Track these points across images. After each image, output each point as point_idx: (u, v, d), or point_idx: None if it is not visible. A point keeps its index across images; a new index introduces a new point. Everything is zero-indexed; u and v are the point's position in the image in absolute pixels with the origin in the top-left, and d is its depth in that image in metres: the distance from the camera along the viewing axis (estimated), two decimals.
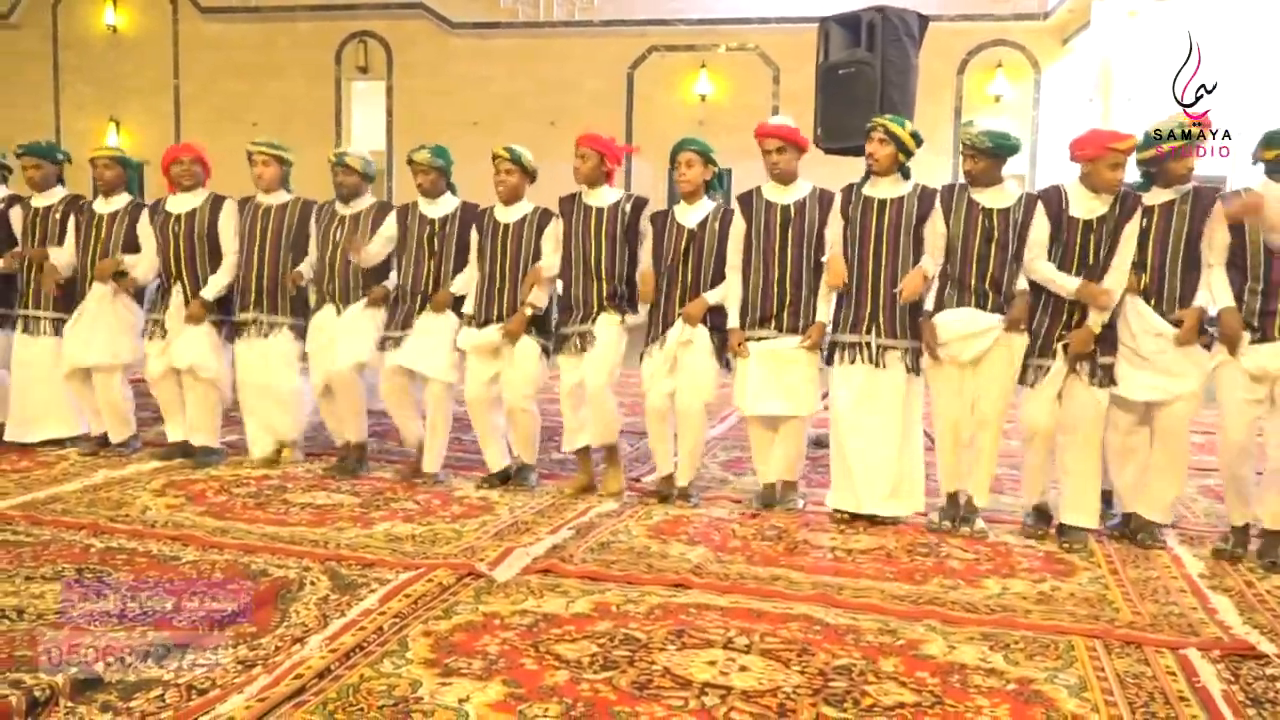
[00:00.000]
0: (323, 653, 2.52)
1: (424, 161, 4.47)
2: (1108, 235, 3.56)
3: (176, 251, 4.66)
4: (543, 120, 16.44)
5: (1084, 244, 3.60)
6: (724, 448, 5.36)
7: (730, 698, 2.32)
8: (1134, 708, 2.33)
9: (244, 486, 4.31)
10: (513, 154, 4.30)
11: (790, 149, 3.93)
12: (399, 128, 17.24)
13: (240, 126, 17.69)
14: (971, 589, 3.18)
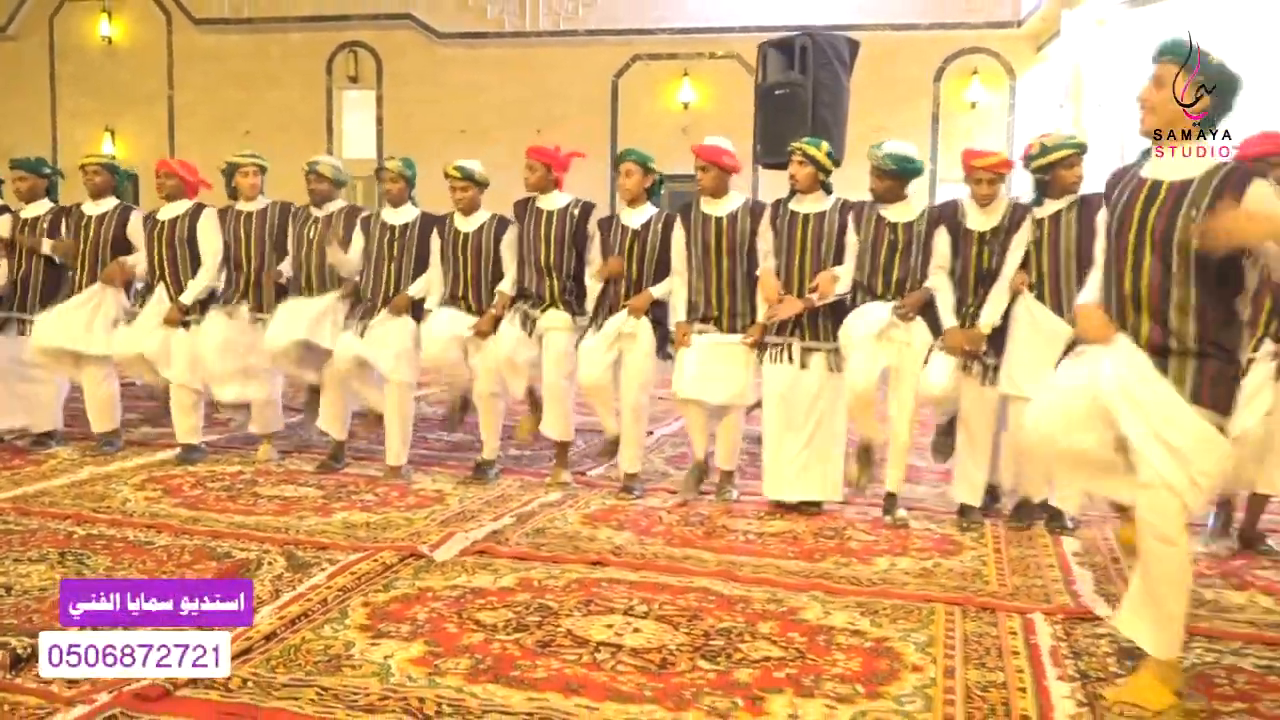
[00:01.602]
0: (271, 620, 2.88)
1: (395, 170, 4.85)
2: (999, 247, 3.92)
3: (160, 255, 5.05)
4: (529, 128, 16.79)
5: (978, 255, 3.96)
6: (673, 444, 5.72)
7: (620, 654, 2.69)
8: (968, 659, 2.69)
9: (219, 481, 4.68)
10: (463, 171, 4.67)
11: (712, 169, 4.29)
12: (389, 136, 17.61)
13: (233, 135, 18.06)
14: (862, 566, 3.54)
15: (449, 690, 2.45)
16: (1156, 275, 2.47)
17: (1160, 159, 2.57)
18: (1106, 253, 2.63)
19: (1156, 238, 2.46)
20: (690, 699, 2.43)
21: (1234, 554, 3.74)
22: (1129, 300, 2.51)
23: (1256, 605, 3.20)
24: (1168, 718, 2.38)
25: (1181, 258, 2.44)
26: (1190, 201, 2.43)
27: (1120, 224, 2.55)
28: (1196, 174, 2.48)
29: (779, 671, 2.60)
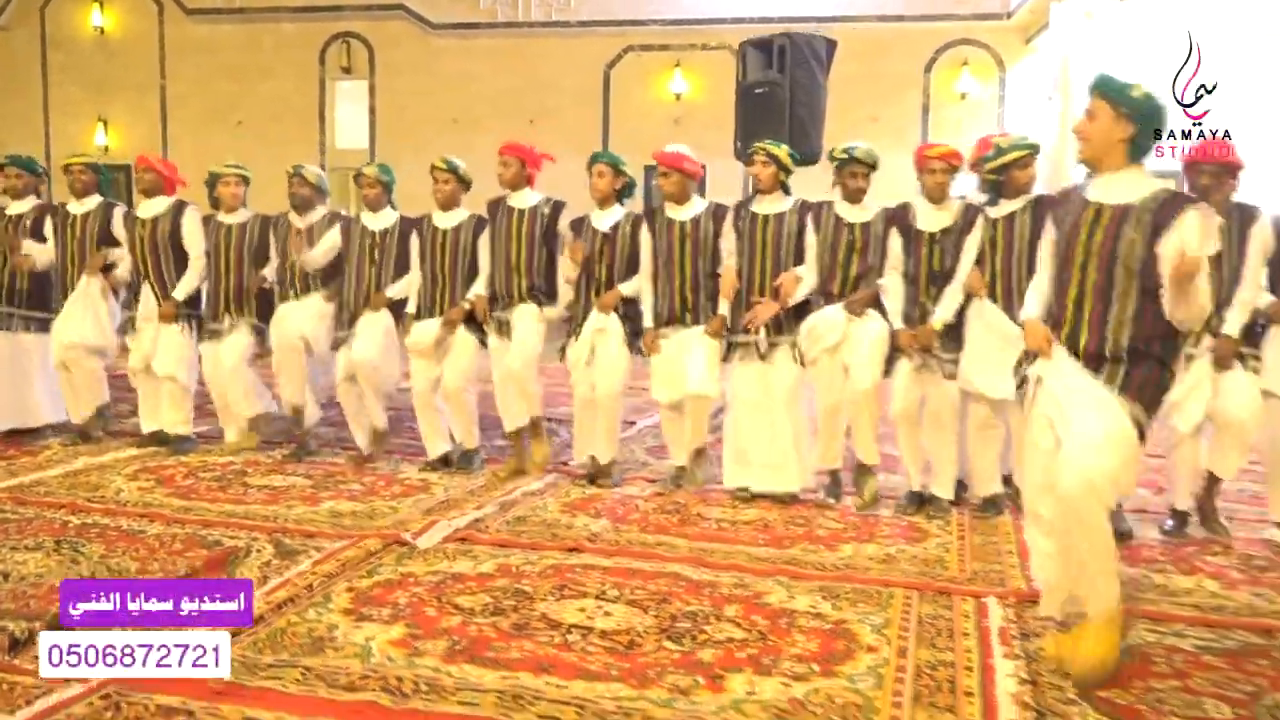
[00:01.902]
0: (259, 605, 3.01)
1: (371, 176, 4.96)
2: (950, 247, 4.05)
3: (144, 254, 5.16)
4: (522, 118, 16.88)
5: (929, 255, 4.09)
6: (654, 435, 5.84)
7: (590, 635, 2.83)
8: (921, 640, 2.83)
9: (210, 471, 4.80)
10: (449, 165, 4.80)
11: (674, 174, 4.41)
12: (382, 126, 17.67)
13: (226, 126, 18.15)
14: (829, 552, 3.68)
15: (426, 670, 2.59)
16: (1100, 290, 2.71)
17: (1102, 183, 2.76)
18: (1055, 268, 2.84)
19: (1102, 257, 2.70)
20: (654, 678, 2.57)
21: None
22: (1073, 311, 2.75)
23: (1203, 589, 3.34)
24: (1095, 675, 2.55)
25: (1124, 275, 2.67)
26: (1132, 223, 2.65)
27: (1068, 244, 2.79)
28: (1135, 199, 2.68)
29: (740, 652, 2.74)
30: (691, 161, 4.45)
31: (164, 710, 2.34)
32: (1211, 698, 2.52)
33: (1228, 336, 3.82)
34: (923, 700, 2.47)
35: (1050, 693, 2.53)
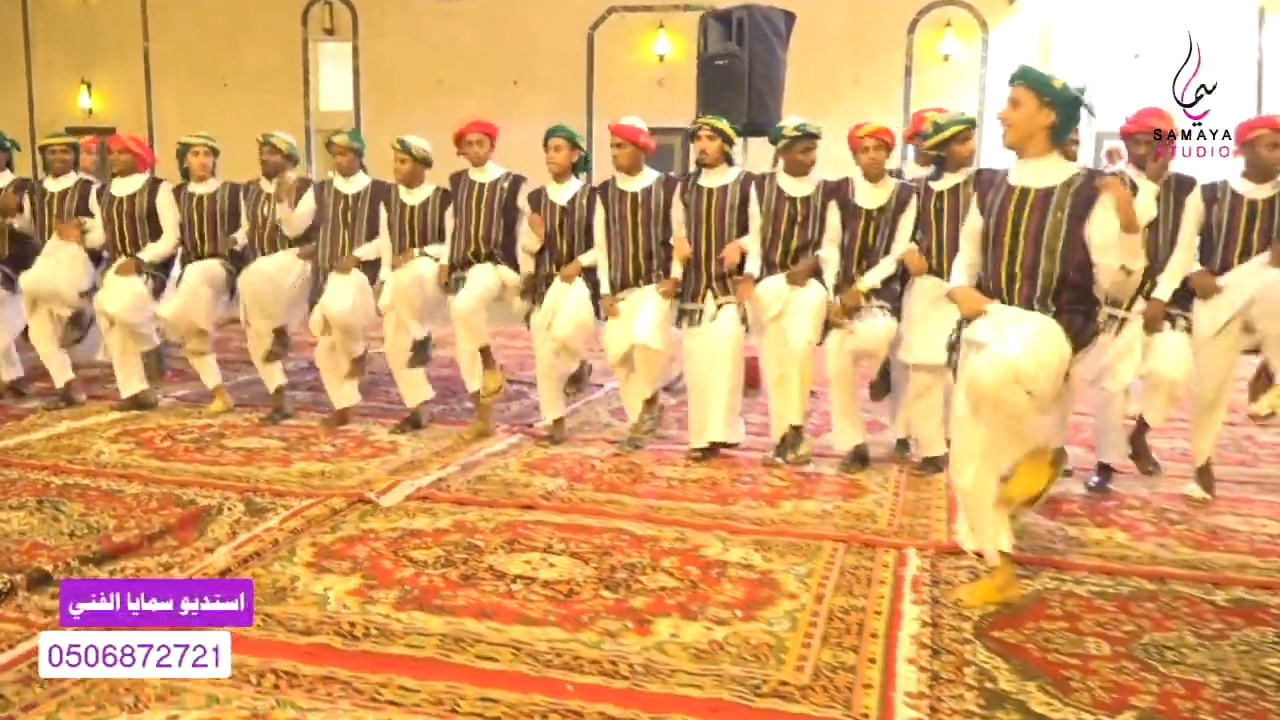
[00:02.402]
0: (227, 559, 3.23)
1: (342, 144, 5.13)
2: (886, 224, 4.24)
3: (119, 230, 5.33)
4: (505, 80, 16.92)
5: (865, 230, 4.28)
6: (618, 397, 6.04)
7: (533, 585, 3.06)
8: (839, 588, 3.07)
9: (188, 434, 5.01)
10: (403, 145, 4.96)
11: (629, 146, 4.58)
12: (366, 88, 17.68)
13: (211, 88, 18.15)
14: (769, 508, 3.91)
15: (377, 616, 2.82)
16: (1027, 267, 2.97)
17: (1023, 167, 3.01)
18: (983, 247, 3.11)
19: (1028, 237, 2.97)
20: (587, 622, 2.79)
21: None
22: (1005, 286, 3.02)
23: (1111, 540, 3.58)
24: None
25: (1048, 254, 2.95)
26: (1055, 205, 2.94)
27: (997, 225, 3.04)
28: (1056, 182, 2.96)
29: (670, 599, 2.97)
30: (645, 135, 4.62)
31: None
32: (1095, 637, 2.76)
33: (1158, 300, 4.02)
34: (830, 641, 2.71)
35: (948, 633, 2.76)
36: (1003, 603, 2.93)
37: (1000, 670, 2.55)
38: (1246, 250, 3.96)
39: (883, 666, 2.56)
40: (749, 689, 2.42)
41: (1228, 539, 3.62)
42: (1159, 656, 2.64)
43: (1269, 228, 3.92)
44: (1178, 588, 3.12)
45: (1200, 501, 4.03)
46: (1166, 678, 2.53)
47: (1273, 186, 3.95)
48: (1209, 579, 3.18)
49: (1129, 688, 2.47)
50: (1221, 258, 4.00)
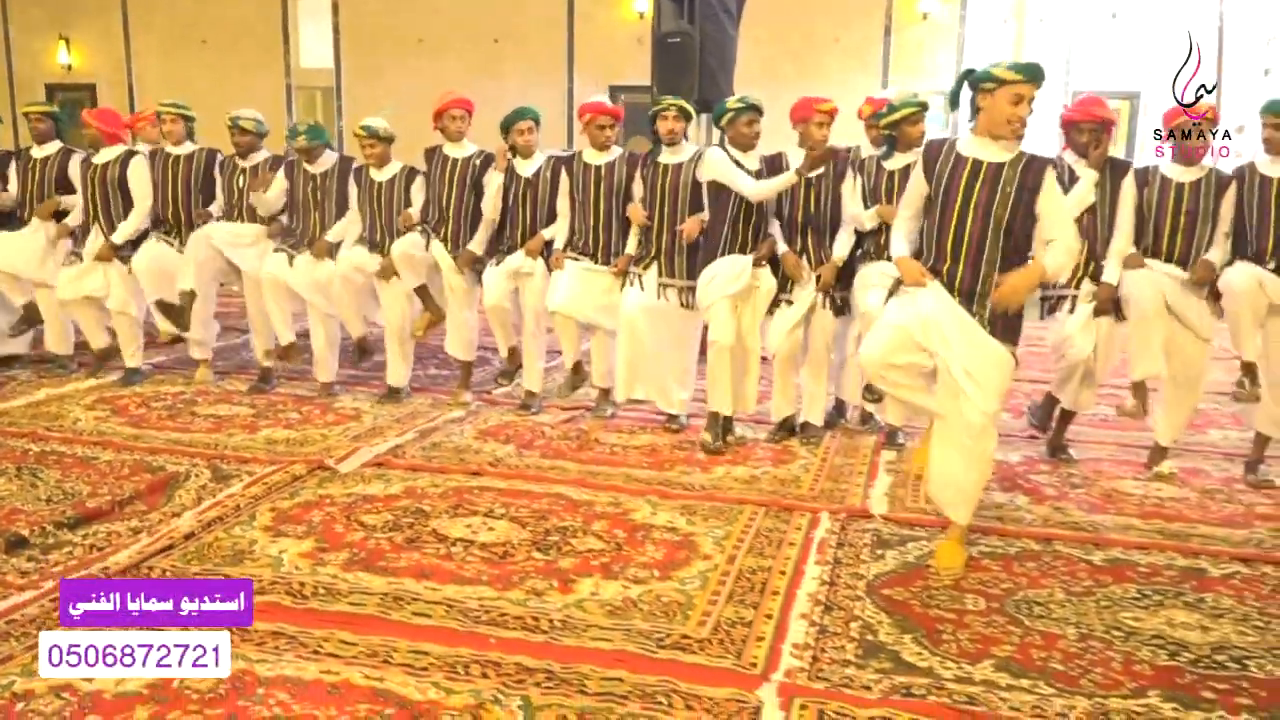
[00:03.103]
0: (191, 523, 3.50)
1: (302, 144, 5.33)
2: (826, 193, 4.46)
3: (94, 196, 5.53)
4: (486, 39, 16.95)
5: (806, 200, 4.50)
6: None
7: (471, 548, 3.34)
8: (751, 550, 3.35)
9: (161, 401, 5.26)
10: (368, 130, 5.16)
11: (616, 125, 4.86)
12: (346, 45, 17.67)
13: (190, 45, 18.12)
14: (702, 474, 4.18)
15: (325, 577, 3.09)
16: (976, 234, 3.20)
17: (976, 142, 3.24)
18: (931, 213, 3.31)
19: (979, 208, 3.19)
20: (516, 582, 3.08)
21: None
22: (950, 251, 3.24)
23: (1013, 504, 3.87)
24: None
25: (996, 225, 3.18)
26: (1004, 180, 3.17)
27: (947, 193, 3.23)
28: (1006, 159, 3.19)
29: (595, 560, 3.25)
30: (619, 114, 4.88)
31: None
32: (975, 594, 3.06)
33: (1106, 284, 4.25)
34: (734, 598, 3.00)
35: (843, 591, 3.06)
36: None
37: (882, 624, 2.85)
38: (1174, 230, 4.19)
39: (777, 621, 2.85)
40: (653, 642, 2.71)
41: (1120, 502, 3.92)
42: (1027, 611, 2.94)
43: (1195, 209, 4.16)
44: (1060, 548, 3.42)
45: (1133, 412, 4.30)
46: (1029, 630, 2.83)
47: (1198, 171, 4.18)
48: (1091, 540, 3.49)
49: (993, 639, 2.77)
50: (1152, 237, 4.23)
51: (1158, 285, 4.11)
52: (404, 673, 2.51)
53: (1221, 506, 3.90)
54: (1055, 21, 15.72)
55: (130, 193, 5.51)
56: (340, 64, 17.67)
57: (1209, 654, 2.70)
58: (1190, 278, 4.11)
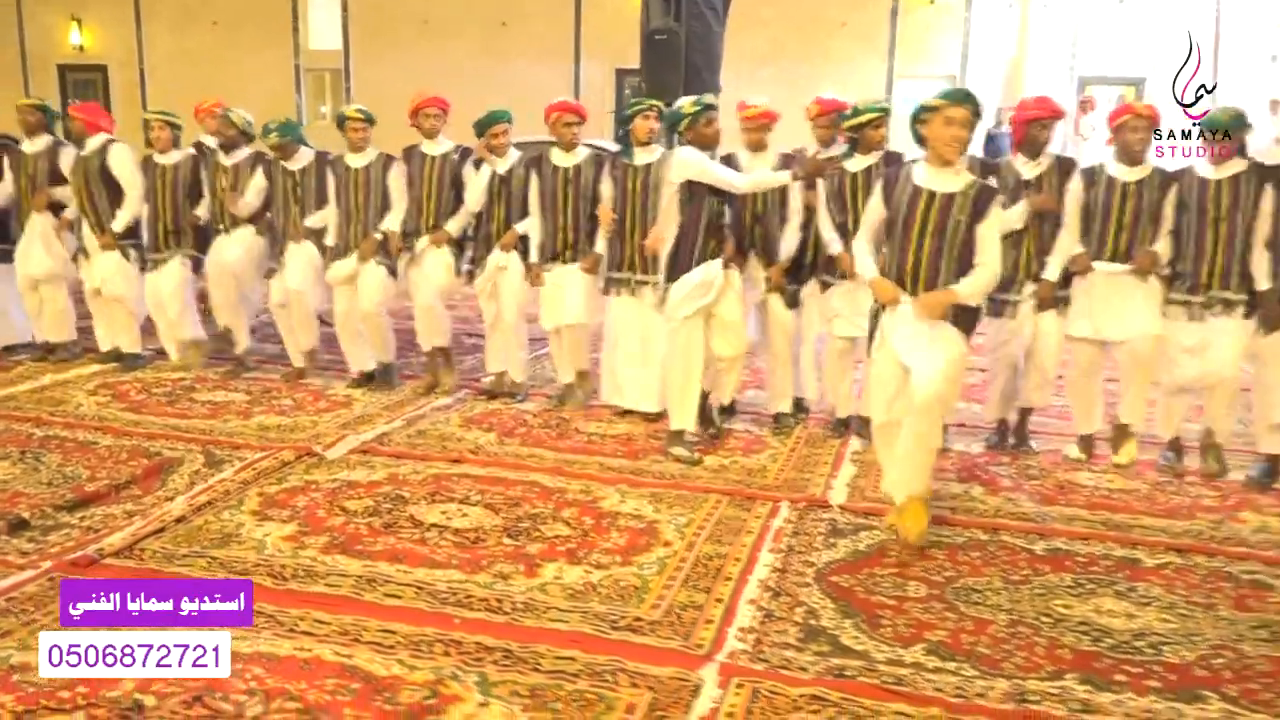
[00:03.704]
0: (184, 507, 3.71)
1: (274, 141, 5.50)
2: (773, 192, 4.59)
3: (81, 189, 5.73)
4: (494, 21, 17.11)
5: (752, 201, 4.62)
6: None
7: (445, 533, 3.53)
8: (711, 537, 3.53)
9: (162, 387, 5.47)
10: (364, 114, 5.37)
11: (582, 123, 5.00)
12: (354, 28, 17.87)
13: (201, 27, 18.34)
14: (674, 464, 4.36)
15: (305, 560, 3.29)
16: (932, 255, 3.48)
17: (930, 172, 3.51)
18: (892, 237, 3.58)
19: (934, 233, 3.48)
20: (484, 566, 3.27)
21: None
22: (910, 271, 3.52)
23: (968, 494, 4.04)
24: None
25: (949, 247, 3.47)
26: (957, 208, 3.46)
27: (905, 220, 3.52)
28: (956, 189, 3.48)
29: (561, 546, 3.44)
30: (584, 113, 5.02)
31: None
32: (918, 581, 3.23)
33: (1047, 281, 4.41)
34: (689, 583, 3.18)
35: (792, 578, 3.23)
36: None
37: (826, 609, 3.03)
38: (1119, 228, 4.33)
39: (727, 606, 3.03)
40: (607, 624, 2.90)
41: (1072, 493, 4.08)
42: (965, 598, 3.12)
43: (1139, 208, 4.30)
44: (1006, 538, 3.58)
45: (1078, 461, 4.48)
46: (964, 616, 3.00)
47: (1142, 170, 4.31)
48: (1036, 530, 3.65)
49: (928, 624, 2.95)
50: (1098, 235, 4.37)
51: (1094, 347, 4.41)
52: (372, 650, 2.71)
53: (1169, 499, 4.06)
54: (1060, 7, 15.75)
55: (113, 182, 5.67)
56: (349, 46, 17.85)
57: (1129, 640, 2.87)
58: (1133, 267, 4.25)
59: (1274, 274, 4.11)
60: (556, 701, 2.49)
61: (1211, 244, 4.19)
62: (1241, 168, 4.18)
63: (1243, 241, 4.16)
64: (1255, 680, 2.68)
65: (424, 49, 16.65)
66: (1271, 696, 2.60)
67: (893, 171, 3.69)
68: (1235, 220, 4.15)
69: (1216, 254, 4.19)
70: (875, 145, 4.53)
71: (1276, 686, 2.65)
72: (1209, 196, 4.19)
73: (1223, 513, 3.89)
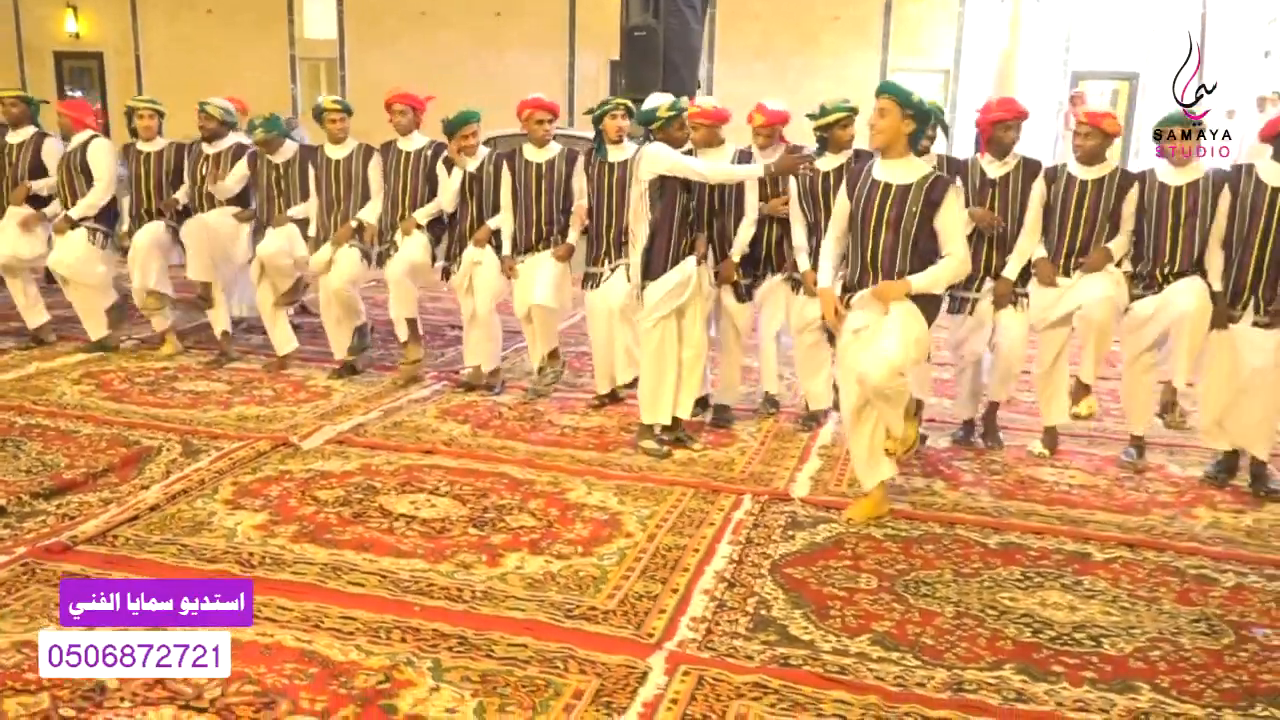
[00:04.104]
0: (158, 495, 3.78)
1: (260, 137, 5.60)
2: (731, 187, 4.65)
3: (63, 180, 5.86)
4: (488, 12, 17.13)
5: (710, 193, 4.68)
6: None
7: (413, 523, 3.61)
8: (673, 529, 3.61)
9: (145, 377, 5.54)
10: (343, 105, 5.48)
11: (555, 120, 5.05)
12: (350, 18, 17.89)
13: (195, 15, 18.35)
14: (642, 457, 4.43)
15: (274, 548, 3.37)
16: (889, 246, 3.64)
17: (885, 165, 3.65)
18: (854, 230, 3.73)
19: (890, 224, 3.62)
20: (448, 555, 3.35)
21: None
22: (869, 264, 3.67)
23: (929, 489, 4.11)
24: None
25: (905, 238, 3.62)
26: (911, 200, 3.60)
27: (864, 212, 3.67)
28: (912, 181, 3.61)
29: (525, 537, 3.52)
30: (556, 110, 5.09)
31: (68, 575, 3.11)
32: (870, 574, 3.31)
33: (1005, 279, 4.49)
34: (646, 574, 3.26)
35: (748, 569, 3.31)
36: (879, 515, 3.70)
37: (778, 600, 3.11)
38: (1076, 225, 4.40)
39: (682, 596, 3.11)
40: (562, 612, 2.98)
41: (1031, 488, 4.16)
42: (914, 590, 3.20)
43: (1097, 205, 4.37)
44: (961, 532, 3.66)
45: (1041, 456, 4.55)
46: (911, 607, 3.08)
47: (1101, 169, 4.39)
48: (992, 524, 3.73)
49: (876, 615, 3.03)
50: (1058, 233, 4.45)
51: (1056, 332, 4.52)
52: (331, 636, 2.79)
53: (1127, 494, 4.14)
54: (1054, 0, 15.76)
55: (91, 175, 5.78)
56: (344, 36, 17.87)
57: (1070, 632, 2.95)
58: (1086, 267, 4.35)
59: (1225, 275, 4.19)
60: (506, 687, 2.57)
61: (1170, 248, 4.26)
62: (1200, 174, 4.25)
63: (1199, 246, 4.23)
64: (1188, 672, 2.76)
65: (419, 39, 16.69)
66: (1202, 688, 2.69)
67: (857, 168, 3.82)
68: (1194, 225, 4.23)
69: (1175, 257, 4.26)
70: (843, 145, 4.59)
71: (1208, 678, 2.73)
72: (1169, 201, 4.26)
73: (1177, 508, 3.97)
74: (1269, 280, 4.09)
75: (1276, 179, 4.06)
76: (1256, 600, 3.20)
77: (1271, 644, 2.93)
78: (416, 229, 5.36)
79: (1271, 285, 4.09)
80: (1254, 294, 4.12)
